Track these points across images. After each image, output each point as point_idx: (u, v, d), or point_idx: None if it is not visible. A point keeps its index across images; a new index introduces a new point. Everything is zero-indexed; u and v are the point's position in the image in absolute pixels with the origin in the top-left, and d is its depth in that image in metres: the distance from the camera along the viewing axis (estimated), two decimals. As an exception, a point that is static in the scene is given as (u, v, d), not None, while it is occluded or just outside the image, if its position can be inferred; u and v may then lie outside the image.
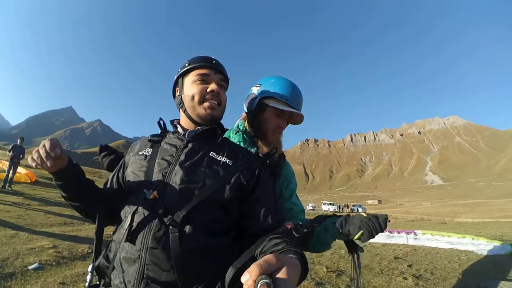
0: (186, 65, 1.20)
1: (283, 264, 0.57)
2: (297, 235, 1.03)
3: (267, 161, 1.21)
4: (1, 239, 5.22)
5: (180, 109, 1.22)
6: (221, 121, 1.27)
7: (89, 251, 5.37)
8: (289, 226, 1.04)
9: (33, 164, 0.98)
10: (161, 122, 1.27)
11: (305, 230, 1.07)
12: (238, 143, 1.41)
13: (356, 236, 1.22)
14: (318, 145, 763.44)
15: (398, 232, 10.83)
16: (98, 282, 1.12)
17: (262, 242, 0.93)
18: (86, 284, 1.10)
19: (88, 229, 7.51)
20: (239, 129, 1.54)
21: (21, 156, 11.55)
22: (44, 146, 0.96)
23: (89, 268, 1.11)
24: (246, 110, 1.57)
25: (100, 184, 1.26)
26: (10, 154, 11.32)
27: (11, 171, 11.53)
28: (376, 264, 6.51)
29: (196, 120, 1.18)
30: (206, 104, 1.15)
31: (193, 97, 1.15)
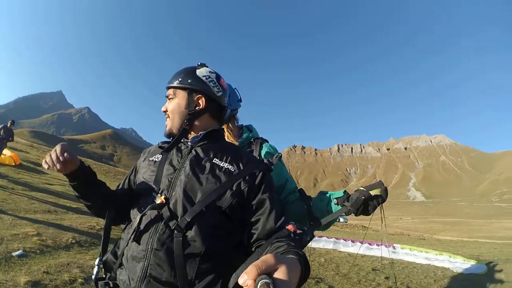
0: None
1: (282, 264, 0.57)
2: (298, 238, 1.08)
3: (271, 167, 1.24)
4: (-15, 223, 5.16)
5: None
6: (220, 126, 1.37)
7: (73, 241, 5.36)
8: (291, 228, 1.08)
9: (46, 166, 1.11)
10: None
11: (308, 238, 1.14)
12: None
13: (377, 192, 1.32)
14: (305, 152, 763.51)
15: (378, 245, 11.04)
16: (104, 275, 1.21)
17: (265, 248, 0.99)
18: (93, 276, 1.20)
19: (72, 219, 7.46)
20: None
21: (10, 138, 11.28)
22: (55, 150, 1.08)
23: (96, 262, 1.20)
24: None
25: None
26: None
27: (-4, 152, 11.27)
28: (354, 274, 6.67)
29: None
30: None
31: None
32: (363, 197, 1.29)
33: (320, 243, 10.95)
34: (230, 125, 1.75)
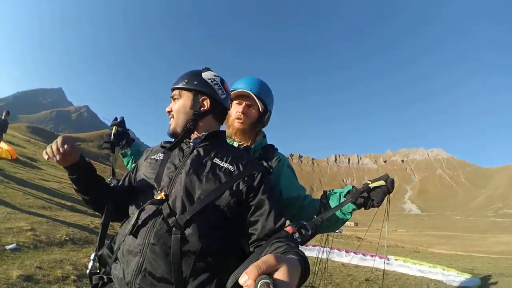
0: None
1: (283, 264, 0.57)
2: (299, 239, 1.08)
3: (271, 169, 1.25)
4: (-21, 215, 5.13)
5: None
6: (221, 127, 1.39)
7: (67, 238, 5.34)
8: (290, 230, 1.08)
9: (46, 157, 1.12)
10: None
11: (310, 233, 1.13)
12: None
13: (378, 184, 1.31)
14: (302, 161, 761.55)
15: (372, 256, 11.03)
16: (98, 270, 1.21)
17: (264, 249, 0.99)
18: (88, 271, 1.20)
19: (66, 216, 7.44)
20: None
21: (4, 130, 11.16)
22: (56, 142, 1.09)
23: (92, 256, 1.21)
24: None
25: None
26: None
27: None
28: (347, 284, 6.67)
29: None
30: None
31: None
32: (361, 189, 1.33)
33: (313, 252, 10.93)
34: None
